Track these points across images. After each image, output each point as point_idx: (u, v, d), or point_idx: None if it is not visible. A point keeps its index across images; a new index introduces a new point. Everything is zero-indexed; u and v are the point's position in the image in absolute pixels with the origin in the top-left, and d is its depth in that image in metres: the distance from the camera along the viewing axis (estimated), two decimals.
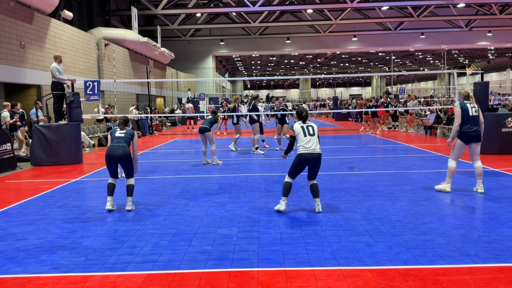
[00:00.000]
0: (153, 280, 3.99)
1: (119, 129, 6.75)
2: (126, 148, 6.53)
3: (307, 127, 6.17)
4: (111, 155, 6.50)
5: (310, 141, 6.05)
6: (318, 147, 6.08)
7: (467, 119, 7.01)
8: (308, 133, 6.11)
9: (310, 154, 6.00)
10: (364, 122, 21.35)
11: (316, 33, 39.38)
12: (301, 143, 6.07)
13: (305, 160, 6.00)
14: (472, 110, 7.04)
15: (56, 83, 12.08)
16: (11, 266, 4.40)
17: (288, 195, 6.19)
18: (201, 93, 35.27)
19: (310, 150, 6.00)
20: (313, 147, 6.03)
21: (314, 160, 6.03)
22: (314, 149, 6.02)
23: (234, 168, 10.34)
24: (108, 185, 6.61)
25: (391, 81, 68.11)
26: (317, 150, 6.04)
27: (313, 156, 6.01)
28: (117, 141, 6.58)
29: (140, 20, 34.37)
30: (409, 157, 11.48)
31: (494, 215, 5.76)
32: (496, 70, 65.06)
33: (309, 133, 6.11)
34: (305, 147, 6.03)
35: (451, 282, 3.77)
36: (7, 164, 10.86)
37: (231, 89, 71.46)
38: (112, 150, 6.51)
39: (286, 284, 3.83)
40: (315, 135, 6.13)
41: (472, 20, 37.06)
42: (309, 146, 6.02)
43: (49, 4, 17.15)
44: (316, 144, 6.08)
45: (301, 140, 6.08)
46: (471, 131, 6.99)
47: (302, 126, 6.18)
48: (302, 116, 6.25)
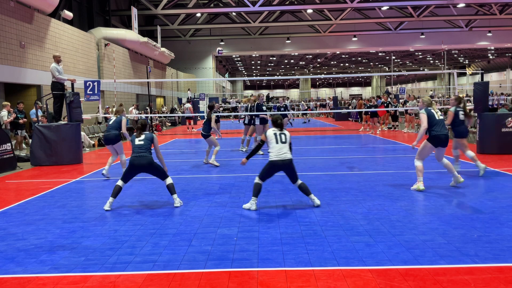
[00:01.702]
0: (153, 280, 3.99)
1: (138, 137, 6.65)
2: (149, 157, 6.50)
3: (280, 134, 6.32)
4: (134, 165, 6.49)
5: (281, 148, 6.21)
6: (289, 154, 6.25)
7: (436, 123, 7.34)
8: (280, 140, 6.27)
9: (281, 161, 6.16)
10: (364, 122, 21.35)
11: (316, 33, 39.38)
12: (273, 150, 6.23)
13: (276, 166, 6.18)
14: (437, 114, 7.42)
15: (56, 83, 12.08)
16: (11, 266, 4.40)
17: (258, 195, 6.34)
18: (201, 93, 35.29)
19: (281, 157, 6.16)
20: (284, 152, 6.19)
21: (285, 166, 6.21)
22: (285, 156, 6.19)
23: (234, 168, 10.34)
24: (115, 186, 6.62)
25: (391, 81, 68.08)
26: (287, 156, 6.21)
27: (284, 163, 6.18)
28: (138, 150, 6.51)
29: (140, 20, 34.37)
30: (409, 157, 11.47)
31: (494, 215, 5.76)
32: (496, 70, 65.05)
33: (281, 141, 6.27)
34: (276, 154, 6.19)
35: (451, 282, 3.77)
36: (7, 164, 10.86)
37: (231, 89, 71.44)
38: (135, 160, 6.48)
39: (286, 284, 3.83)
40: (286, 143, 6.30)
41: (472, 20, 37.06)
42: (280, 152, 6.18)
43: (49, 4, 17.15)
44: (287, 151, 6.25)
45: (273, 147, 6.24)
46: (441, 135, 7.28)
47: (275, 133, 6.33)
48: (277, 123, 6.39)
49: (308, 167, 10.25)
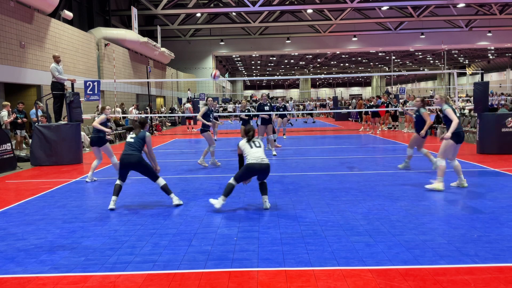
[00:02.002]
0: (153, 280, 3.99)
1: (131, 134, 6.68)
2: (137, 155, 6.49)
3: (252, 141, 6.35)
4: (124, 162, 6.51)
5: (257, 151, 6.22)
6: (266, 159, 6.25)
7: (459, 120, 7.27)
8: (255, 145, 6.30)
9: (259, 165, 6.14)
10: (364, 122, 21.35)
11: (316, 33, 39.38)
12: (249, 154, 6.22)
13: (254, 169, 6.15)
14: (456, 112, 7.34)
15: (56, 83, 12.09)
16: (11, 266, 4.40)
17: (228, 195, 6.30)
18: (201, 93, 35.28)
19: (259, 160, 6.15)
20: (261, 157, 6.20)
21: (262, 170, 6.19)
22: (263, 160, 6.18)
23: (234, 168, 10.33)
24: (115, 186, 6.65)
25: (391, 81, 68.09)
26: (265, 161, 6.21)
27: (262, 167, 6.17)
28: (128, 148, 6.53)
29: (140, 20, 34.37)
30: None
31: (494, 215, 5.76)
32: (496, 70, 65.05)
33: (256, 146, 6.30)
34: (254, 157, 6.17)
35: (451, 282, 3.77)
36: (7, 164, 10.86)
37: (231, 89, 71.44)
38: (124, 157, 6.51)
39: (286, 284, 3.83)
40: (261, 147, 6.32)
41: (472, 20, 37.06)
42: (258, 156, 6.18)
43: (49, 4, 17.15)
44: (264, 155, 6.26)
45: (249, 152, 6.24)
46: (461, 131, 7.31)
47: (247, 142, 6.36)
48: (249, 135, 6.43)
49: (308, 167, 10.25)
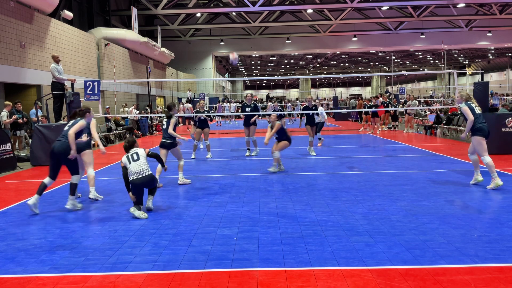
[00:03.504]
0: (153, 280, 3.99)
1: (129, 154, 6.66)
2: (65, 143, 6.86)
3: (131, 155, 6.46)
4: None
5: (136, 166, 6.32)
6: (146, 168, 6.35)
7: (478, 116, 7.51)
8: (133, 159, 6.40)
9: (140, 179, 6.27)
10: (364, 122, 21.35)
11: (316, 33, 39.36)
12: (130, 171, 6.33)
13: (138, 184, 6.26)
14: (476, 108, 7.60)
15: (56, 83, 12.08)
16: (11, 266, 4.40)
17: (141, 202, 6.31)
18: (201, 93, 35.28)
19: (139, 176, 6.29)
20: (140, 171, 6.31)
21: (146, 182, 6.30)
22: (141, 173, 6.30)
23: (234, 168, 10.34)
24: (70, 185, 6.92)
25: (391, 81, 68.10)
26: (145, 173, 6.32)
27: (143, 180, 6.27)
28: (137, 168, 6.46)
29: (140, 20, 34.37)
30: (409, 157, 11.48)
31: (494, 215, 5.76)
32: (496, 70, 65.05)
33: (133, 159, 6.40)
34: (133, 173, 6.29)
35: (451, 282, 3.77)
36: (7, 164, 10.86)
37: (231, 89, 71.44)
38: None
39: (286, 284, 3.83)
40: (140, 159, 6.40)
41: (472, 20, 37.05)
42: (137, 171, 6.29)
43: (49, 4, 17.15)
44: (143, 166, 6.36)
45: (129, 168, 6.35)
46: (485, 126, 7.48)
47: (127, 156, 6.47)
48: (125, 148, 6.59)
49: (308, 167, 10.25)
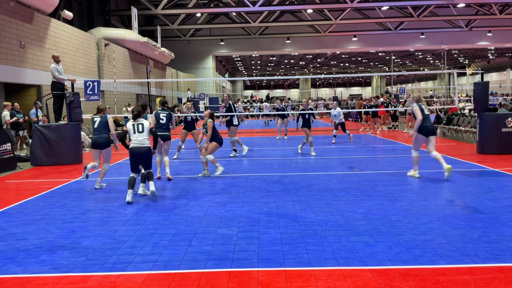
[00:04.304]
0: (153, 280, 3.99)
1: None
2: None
3: (137, 125, 7.14)
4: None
5: (138, 136, 7.04)
6: (147, 142, 7.00)
7: (426, 116, 8.40)
8: (138, 130, 7.09)
9: (137, 149, 6.95)
10: (364, 122, 21.35)
11: (316, 33, 39.35)
12: (131, 139, 6.98)
13: (134, 153, 6.87)
14: (425, 109, 8.48)
15: (56, 83, 12.08)
16: (11, 266, 4.40)
17: (132, 188, 6.96)
18: (201, 93, 35.26)
19: (138, 144, 6.89)
20: (141, 141, 7.01)
21: (142, 153, 6.89)
22: (141, 143, 6.93)
23: (234, 168, 10.34)
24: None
25: (391, 81, 68.05)
26: (145, 144, 6.94)
27: (140, 150, 6.94)
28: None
29: (140, 20, 34.35)
30: (409, 157, 11.44)
31: (494, 215, 5.76)
32: (496, 70, 65.02)
33: (138, 130, 7.08)
34: (134, 141, 6.99)
35: (451, 282, 3.77)
36: (7, 164, 10.86)
37: (231, 89, 71.43)
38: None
39: (286, 284, 3.83)
40: (143, 132, 7.09)
41: (472, 20, 37.04)
42: (138, 140, 6.99)
43: (49, 4, 17.14)
44: (144, 139, 7.01)
45: (131, 136, 7.00)
46: (429, 126, 8.40)
47: (133, 124, 7.15)
48: (134, 114, 7.23)
49: (308, 167, 10.25)
